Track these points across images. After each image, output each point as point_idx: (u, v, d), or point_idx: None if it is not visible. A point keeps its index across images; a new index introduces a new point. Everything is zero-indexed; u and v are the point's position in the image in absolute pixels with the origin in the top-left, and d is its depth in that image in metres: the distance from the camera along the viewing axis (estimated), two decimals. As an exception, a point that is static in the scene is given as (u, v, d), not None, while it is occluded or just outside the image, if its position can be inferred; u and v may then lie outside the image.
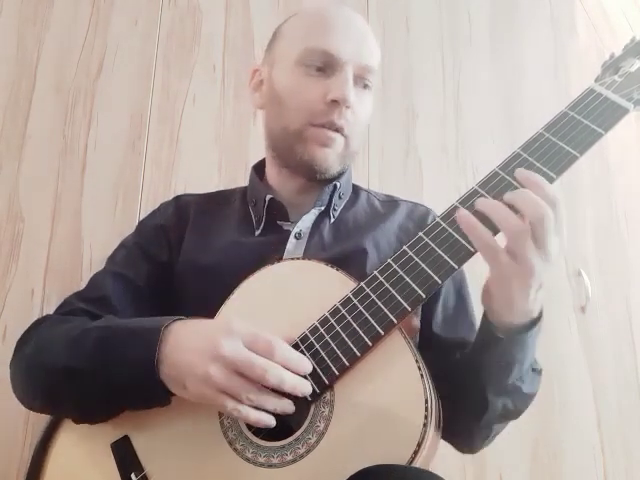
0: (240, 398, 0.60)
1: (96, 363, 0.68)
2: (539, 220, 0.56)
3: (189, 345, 0.63)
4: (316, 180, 0.87)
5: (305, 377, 0.63)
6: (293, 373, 0.62)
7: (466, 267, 0.87)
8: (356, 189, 0.97)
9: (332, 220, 0.89)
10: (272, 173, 0.93)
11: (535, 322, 0.65)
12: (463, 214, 0.60)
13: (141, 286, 0.87)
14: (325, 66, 0.83)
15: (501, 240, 0.59)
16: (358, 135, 0.87)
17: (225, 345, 0.60)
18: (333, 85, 0.81)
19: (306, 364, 0.63)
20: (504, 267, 0.59)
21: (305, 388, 0.62)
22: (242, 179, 1.54)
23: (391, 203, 0.96)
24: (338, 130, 0.83)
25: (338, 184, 0.89)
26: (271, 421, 0.62)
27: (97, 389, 0.68)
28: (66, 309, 0.84)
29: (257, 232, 0.88)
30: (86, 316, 0.80)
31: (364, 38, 0.87)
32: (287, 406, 0.62)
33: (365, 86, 0.87)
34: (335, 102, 0.81)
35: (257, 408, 0.61)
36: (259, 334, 0.62)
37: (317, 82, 0.83)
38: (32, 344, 0.76)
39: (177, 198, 0.98)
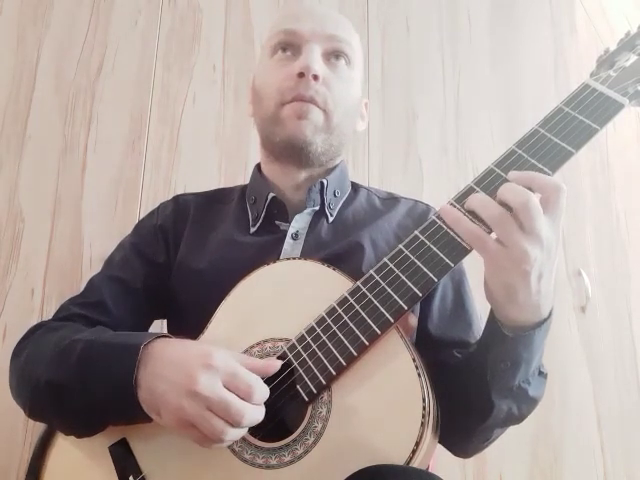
0: (210, 436, 0.59)
1: (78, 379, 0.67)
2: (521, 206, 0.56)
3: (166, 373, 0.62)
4: (303, 163, 0.86)
5: (303, 379, 0.63)
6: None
7: (470, 267, 0.88)
8: (356, 187, 0.97)
9: (331, 219, 0.88)
10: (267, 173, 0.93)
11: (544, 321, 0.64)
12: (446, 209, 0.60)
13: (138, 288, 0.86)
14: (291, 48, 0.85)
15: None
16: (341, 111, 0.85)
17: (202, 381, 0.59)
18: (298, 61, 0.83)
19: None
20: (495, 255, 0.58)
21: None
22: (242, 179, 1.54)
23: (391, 201, 0.95)
24: (311, 102, 0.82)
25: (325, 181, 0.88)
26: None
27: (79, 404, 0.67)
28: (63, 314, 0.83)
29: (252, 230, 0.87)
30: (82, 321, 0.80)
31: (328, 15, 0.88)
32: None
33: (338, 57, 0.86)
34: (301, 75, 0.81)
35: None
36: (239, 375, 0.61)
37: (286, 65, 0.84)
38: (24, 355, 0.76)
39: (176, 198, 0.97)
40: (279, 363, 0.65)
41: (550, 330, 0.67)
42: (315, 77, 0.81)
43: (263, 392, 0.62)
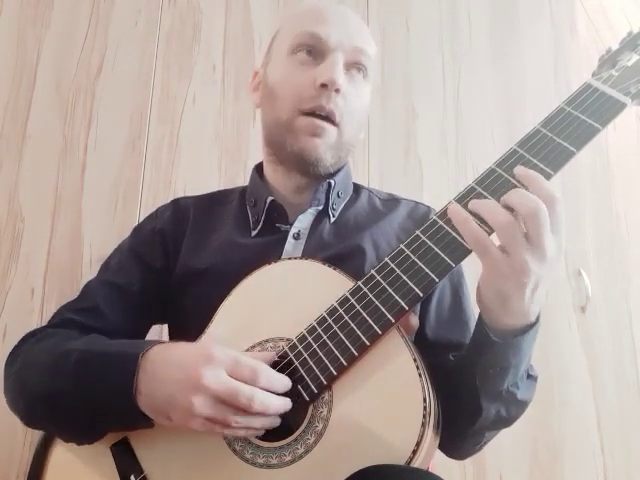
0: (228, 425, 0.60)
1: (74, 390, 0.67)
2: (531, 216, 0.55)
3: (168, 376, 0.62)
4: (310, 174, 0.86)
5: (304, 378, 0.63)
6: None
7: (467, 268, 0.88)
8: (357, 188, 0.96)
9: (332, 220, 0.88)
10: (269, 172, 0.92)
11: (532, 326, 0.64)
12: (454, 208, 0.60)
13: (134, 294, 0.85)
14: (314, 52, 0.83)
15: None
16: (353, 125, 0.85)
17: (206, 375, 0.59)
18: (321, 70, 0.81)
19: (287, 383, 0.63)
20: (496, 262, 0.57)
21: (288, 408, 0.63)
22: (242, 179, 1.54)
23: (392, 202, 0.95)
24: (328, 117, 0.82)
25: (333, 182, 0.87)
26: (259, 432, 0.62)
27: (77, 414, 0.67)
28: (57, 320, 0.83)
29: (253, 233, 0.87)
30: (77, 328, 0.79)
31: (354, 25, 0.87)
32: (274, 422, 0.62)
33: (359, 70, 0.85)
34: (324, 86, 0.80)
35: None
36: (241, 361, 0.61)
37: (307, 70, 0.83)
38: (18, 362, 0.76)
39: (175, 201, 0.96)
40: (272, 354, 0.66)
41: (549, 330, 0.67)
42: (337, 91, 0.81)
43: (269, 373, 0.62)
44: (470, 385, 0.67)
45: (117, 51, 1.60)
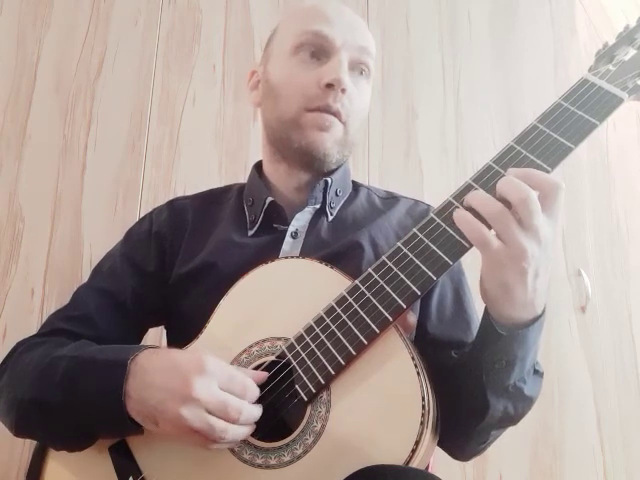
0: (212, 437, 0.59)
1: (63, 397, 0.66)
2: (521, 202, 0.56)
3: (159, 382, 0.62)
4: (314, 170, 0.85)
5: (302, 378, 0.63)
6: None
7: (467, 267, 0.87)
8: (356, 186, 0.96)
9: (330, 218, 0.87)
10: (270, 171, 0.91)
11: (537, 318, 0.63)
12: (460, 214, 0.60)
13: (126, 300, 0.84)
14: (319, 51, 0.82)
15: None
16: (357, 124, 0.85)
17: (198, 387, 0.59)
18: (327, 70, 0.80)
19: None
20: (496, 252, 0.57)
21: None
22: (242, 179, 1.52)
23: (391, 200, 0.94)
24: (335, 115, 0.81)
25: (329, 180, 0.87)
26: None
27: (67, 422, 0.66)
28: (47, 329, 0.82)
29: (250, 232, 0.86)
30: (68, 336, 0.78)
31: (357, 24, 0.87)
32: (252, 429, 0.63)
33: (362, 72, 0.85)
34: (330, 86, 0.80)
35: None
36: (235, 376, 0.62)
37: (311, 69, 0.82)
38: (6, 375, 0.75)
39: (171, 203, 0.95)
40: (266, 375, 0.66)
41: (549, 330, 0.67)
42: (343, 90, 0.80)
43: (255, 391, 0.63)
44: (477, 381, 0.67)
45: (117, 51, 1.60)
